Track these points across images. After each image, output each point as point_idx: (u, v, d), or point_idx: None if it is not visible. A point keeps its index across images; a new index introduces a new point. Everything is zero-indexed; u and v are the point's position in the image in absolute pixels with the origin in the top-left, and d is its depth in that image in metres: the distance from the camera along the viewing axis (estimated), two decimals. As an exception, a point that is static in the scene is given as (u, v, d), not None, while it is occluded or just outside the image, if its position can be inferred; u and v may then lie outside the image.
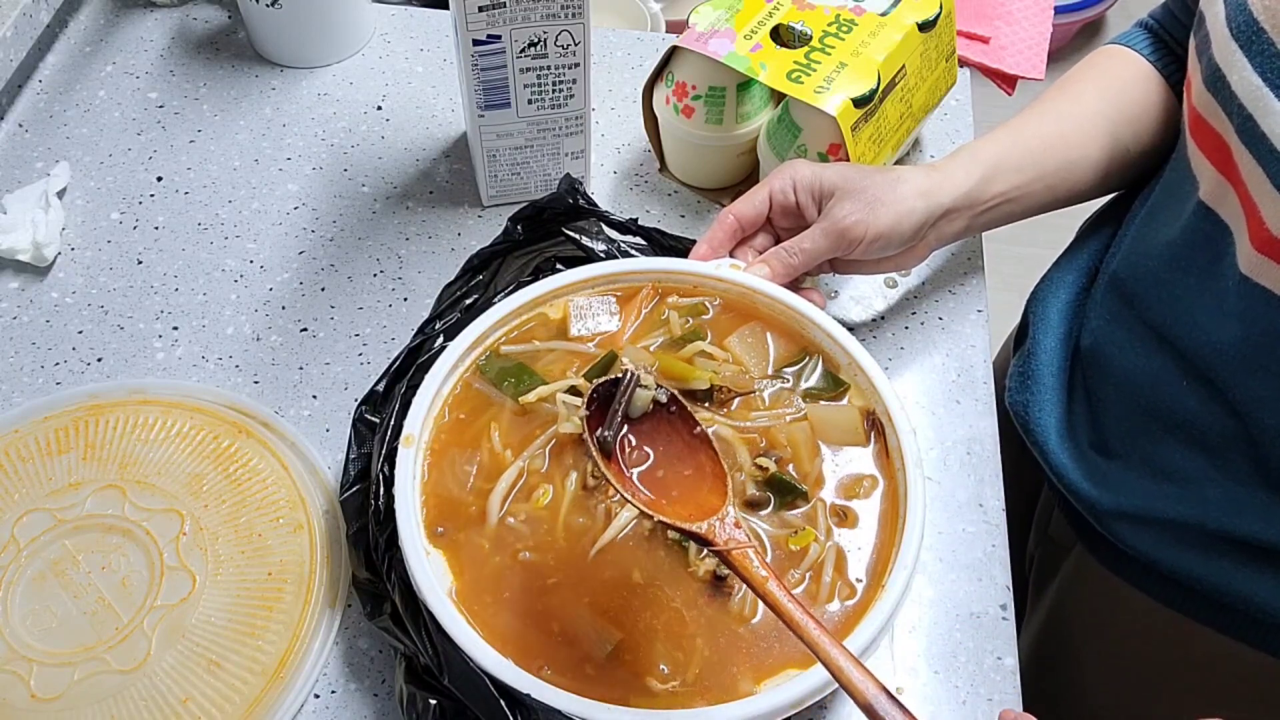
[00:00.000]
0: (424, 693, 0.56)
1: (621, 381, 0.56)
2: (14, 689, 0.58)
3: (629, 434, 0.57)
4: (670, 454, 0.57)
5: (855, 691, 0.46)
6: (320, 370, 0.74)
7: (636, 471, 0.56)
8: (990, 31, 0.94)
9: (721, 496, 0.54)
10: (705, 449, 0.56)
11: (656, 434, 0.57)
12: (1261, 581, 0.63)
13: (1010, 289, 1.16)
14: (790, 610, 0.49)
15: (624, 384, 0.56)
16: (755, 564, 0.51)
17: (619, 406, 0.56)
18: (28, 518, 0.64)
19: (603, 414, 0.56)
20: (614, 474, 0.54)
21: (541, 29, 0.72)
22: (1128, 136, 0.72)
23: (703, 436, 0.56)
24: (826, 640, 0.48)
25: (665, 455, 0.57)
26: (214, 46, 0.95)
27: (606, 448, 0.55)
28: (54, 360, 0.74)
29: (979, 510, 0.68)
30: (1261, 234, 0.56)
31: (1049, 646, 0.79)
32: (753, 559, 0.51)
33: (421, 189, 0.85)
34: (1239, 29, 0.57)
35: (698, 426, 0.57)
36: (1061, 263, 0.78)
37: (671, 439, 0.57)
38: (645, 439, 0.57)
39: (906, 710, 0.45)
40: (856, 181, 0.67)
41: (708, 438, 0.56)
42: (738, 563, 0.51)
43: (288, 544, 0.64)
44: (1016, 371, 0.76)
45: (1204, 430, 0.63)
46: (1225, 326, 0.61)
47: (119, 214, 0.83)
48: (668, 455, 0.57)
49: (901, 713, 0.45)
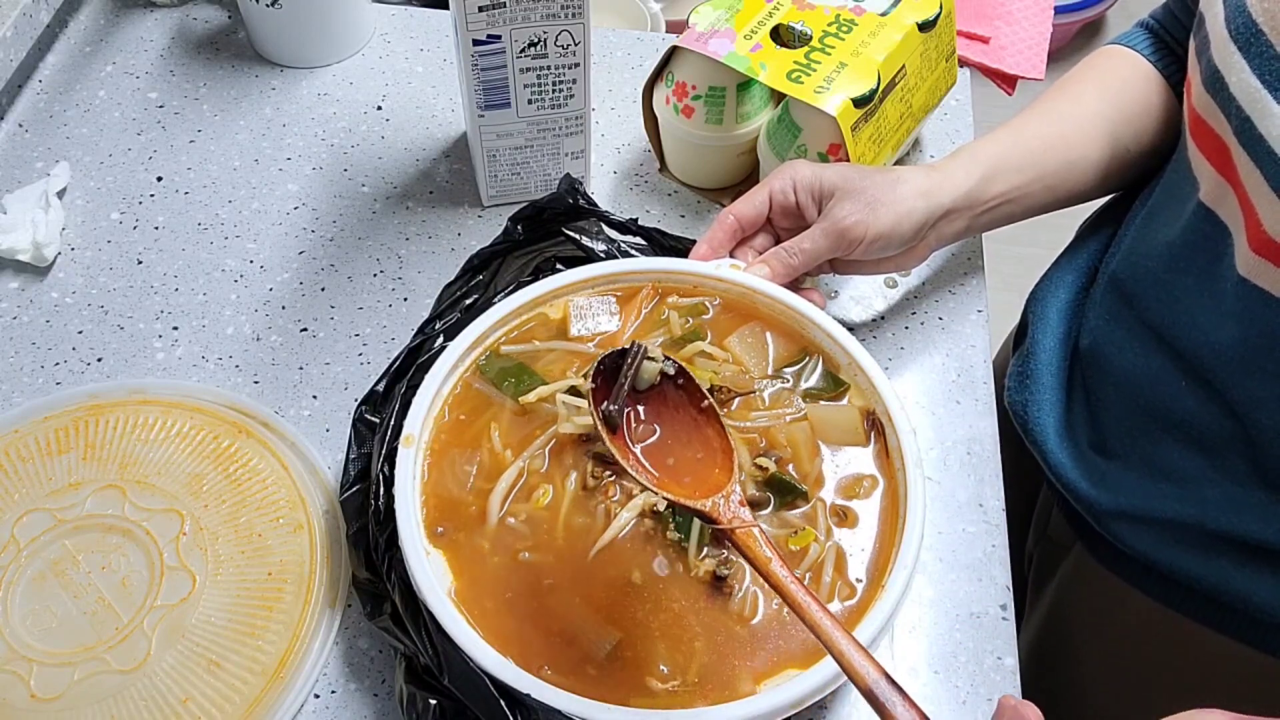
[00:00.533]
0: (424, 693, 0.56)
1: (628, 353, 0.55)
2: (14, 689, 0.58)
3: (635, 407, 0.55)
4: (676, 428, 0.56)
5: (856, 676, 0.46)
6: (320, 370, 0.74)
7: (641, 446, 0.55)
8: (990, 31, 0.94)
9: (728, 473, 0.53)
10: (712, 423, 0.55)
11: (663, 408, 0.56)
12: (1260, 581, 0.63)
13: (1010, 289, 1.16)
14: (794, 592, 0.48)
15: (631, 356, 0.55)
16: (760, 544, 0.50)
17: (625, 379, 0.54)
18: (28, 518, 0.64)
19: (608, 387, 0.55)
20: (618, 448, 0.53)
21: (541, 29, 0.72)
22: (1128, 137, 0.72)
23: (710, 411, 0.55)
24: (829, 623, 0.47)
25: (671, 429, 0.56)
26: (214, 46, 0.95)
27: (612, 421, 0.54)
28: (54, 360, 0.74)
29: (979, 510, 0.68)
30: (1259, 236, 0.56)
31: (1048, 646, 0.79)
32: (757, 538, 0.50)
33: (421, 189, 0.85)
34: (1238, 31, 0.57)
35: (705, 400, 0.55)
36: (1061, 263, 0.78)
37: (678, 413, 0.56)
38: (651, 413, 0.56)
39: (907, 695, 0.45)
40: (856, 182, 0.67)
41: (715, 412, 0.55)
42: (741, 542, 0.50)
43: (288, 544, 0.64)
44: (1016, 371, 0.76)
45: (1202, 430, 0.64)
46: (1224, 327, 0.61)
47: (119, 214, 0.83)
48: (674, 429, 0.56)
49: (902, 698, 0.45)
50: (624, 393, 0.54)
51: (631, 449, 0.54)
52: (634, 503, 0.60)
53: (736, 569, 0.58)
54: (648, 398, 0.56)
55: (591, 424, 0.62)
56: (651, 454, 0.55)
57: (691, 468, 0.54)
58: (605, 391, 0.55)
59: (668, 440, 0.55)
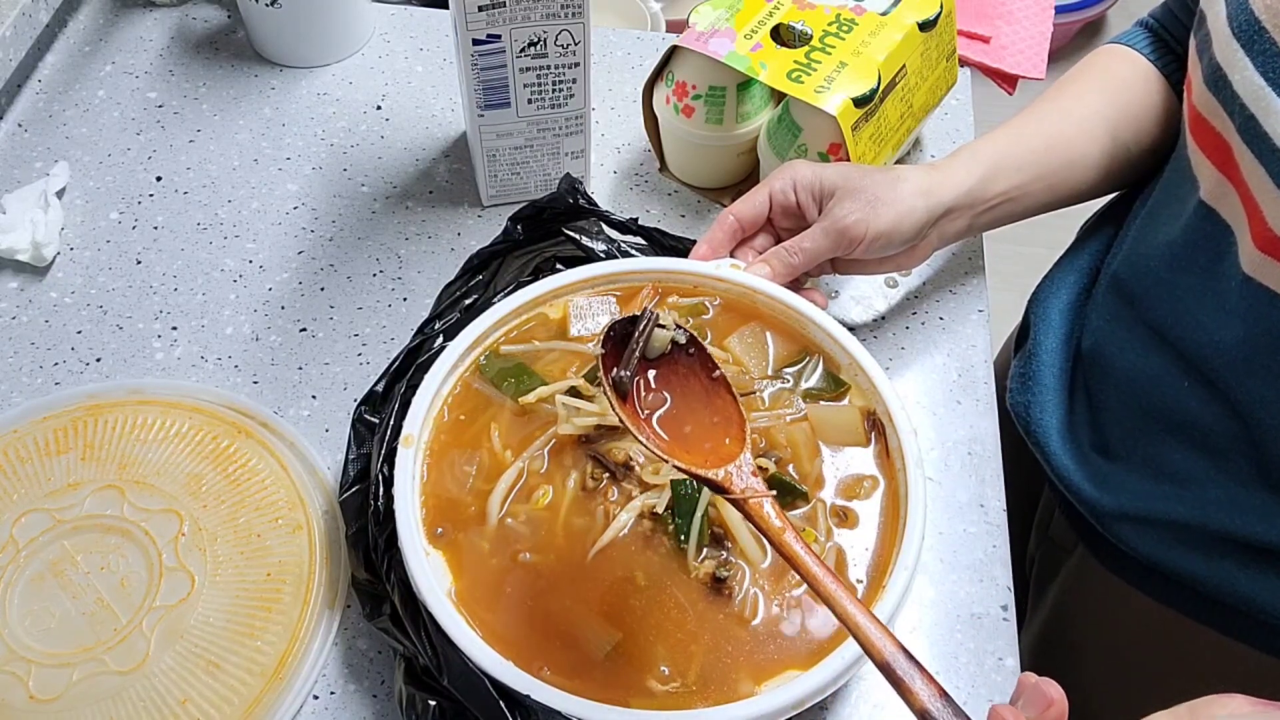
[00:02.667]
0: (423, 694, 0.56)
1: (639, 320, 0.54)
2: (13, 690, 0.58)
3: (645, 375, 0.54)
4: (688, 397, 0.55)
5: (873, 649, 0.44)
6: (320, 370, 0.74)
7: (652, 415, 0.54)
8: (991, 31, 0.94)
9: (740, 443, 0.52)
10: (724, 393, 0.54)
11: (674, 376, 0.55)
12: (1263, 582, 0.63)
13: (1011, 289, 1.16)
14: (807, 563, 0.48)
15: (642, 322, 0.54)
16: (772, 514, 0.49)
17: (636, 346, 0.53)
18: (26, 518, 0.64)
19: (619, 353, 0.54)
20: (629, 416, 0.52)
21: (541, 28, 0.72)
22: (1128, 136, 0.72)
23: (721, 380, 0.54)
24: (844, 596, 0.46)
25: (682, 398, 0.55)
26: (213, 46, 0.95)
27: (622, 388, 0.53)
28: (53, 360, 0.74)
29: (980, 511, 0.68)
30: (1264, 233, 0.56)
31: (1051, 648, 0.79)
32: (769, 509, 0.49)
33: (421, 189, 0.85)
34: (1240, 29, 0.57)
35: (716, 370, 0.54)
36: (1062, 263, 0.78)
37: (689, 382, 0.55)
38: (662, 381, 0.55)
39: (924, 669, 0.44)
40: (857, 181, 0.67)
41: (726, 381, 0.54)
42: (754, 512, 0.49)
43: (287, 544, 0.64)
44: (1018, 373, 0.75)
45: (1205, 431, 0.63)
46: (1227, 326, 0.60)
47: (118, 214, 0.83)
48: (685, 398, 0.55)
49: (920, 671, 0.43)
50: (635, 359, 0.53)
51: (642, 416, 0.53)
52: (633, 504, 0.60)
53: (736, 570, 0.58)
54: (658, 365, 0.55)
55: (591, 425, 0.63)
56: (663, 423, 0.54)
57: (703, 437, 0.53)
58: (615, 358, 0.54)
59: (678, 409, 0.54)
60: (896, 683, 0.44)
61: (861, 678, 0.61)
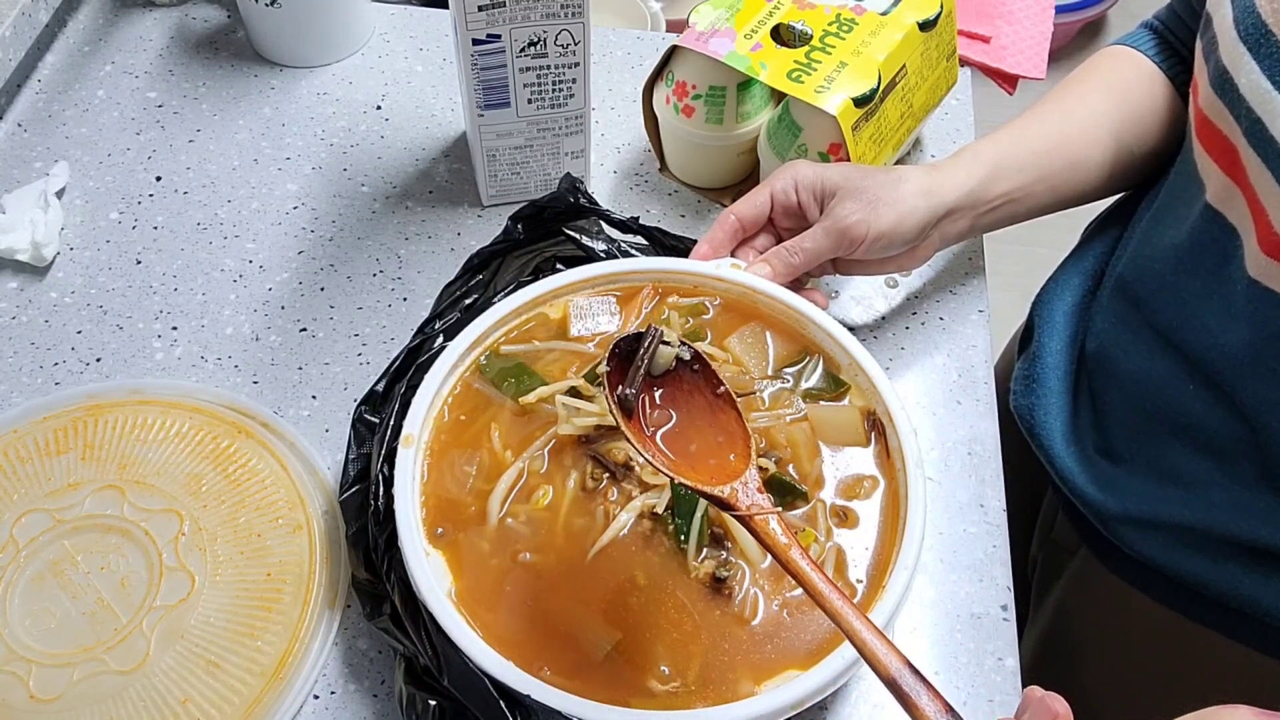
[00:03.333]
0: (424, 693, 0.56)
1: (644, 337, 0.54)
2: (13, 690, 0.58)
3: (650, 392, 0.55)
4: (692, 414, 0.55)
5: (879, 665, 0.45)
6: (320, 370, 0.74)
7: (657, 432, 0.54)
8: (991, 31, 0.94)
9: (745, 459, 0.52)
10: (728, 409, 0.54)
11: (678, 393, 0.55)
12: (1268, 586, 0.63)
13: (1012, 289, 1.16)
14: (813, 579, 0.48)
15: (647, 340, 0.54)
16: (778, 531, 0.49)
17: (641, 364, 0.54)
18: (26, 518, 0.64)
19: (624, 371, 0.54)
20: (634, 433, 0.52)
21: (541, 28, 0.72)
22: (1132, 138, 0.72)
23: (726, 396, 0.54)
24: (850, 611, 0.46)
25: (687, 415, 0.55)
26: (213, 46, 0.95)
27: (627, 406, 0.53)
28: (53, 360, 0.74)
29: (980, 511, 0.68)
30: (1270, 237, 0.56)
31: (1053, 650, 0.79)
32: (775, 526, 0.49)
33: (421, 189, 0.85)
34: (1247, 31, 0.57)
35: (721, 386, 0.55)
36: (1067, 265, 0.78)
37: (694, 398, 0.55)
38: (667, 398, 0.55)
39: (931, 685, 0.44)
40: (858, 181, 0.67)
41: (731, 398, 0.54)
42: (760, 529, 0.49)
43: (287, 544, 0.64)
44: (1021, 375, 0.75)
45: (1211, 434, 0.63)
46: (1233, 330, 0.60)
47: (118, 214, 0.83)
48: (690, 415, 0.55)
49: (926, 687, 0.44)
50: (640, 377, 0.54)
51: (648, 434, 0.54)
52: (633, 504, 0.60)
53: (736, 570, 0.58)
54: (663, 383, 0.55)
55: (591, 425, 0.62)
56: (668, 440, 0.54)
57: (708, 453, 0.53)
58: (620, 376, 0.54)
59: (683, 426, 0.55)
60: (903, 698, 0.44)
61: (861, 678, 0.61)
